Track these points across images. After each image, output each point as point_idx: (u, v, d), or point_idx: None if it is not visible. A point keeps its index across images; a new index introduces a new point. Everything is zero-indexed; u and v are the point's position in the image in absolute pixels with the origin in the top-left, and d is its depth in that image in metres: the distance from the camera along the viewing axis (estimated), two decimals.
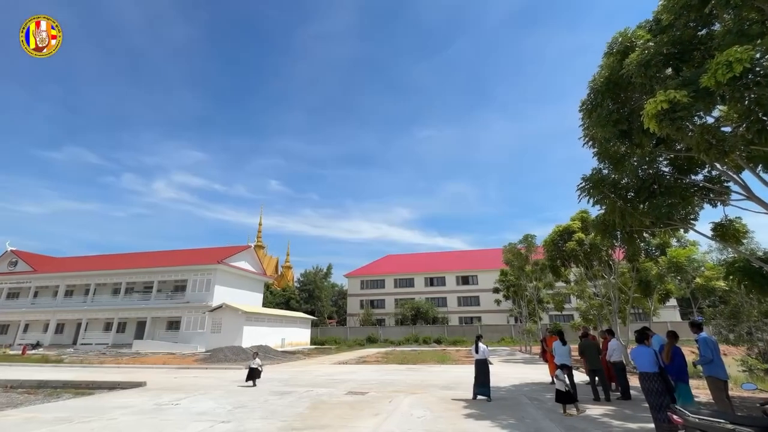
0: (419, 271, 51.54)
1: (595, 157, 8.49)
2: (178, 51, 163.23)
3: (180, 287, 34.69)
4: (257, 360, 12.44)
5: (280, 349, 29.58)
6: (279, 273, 68.17)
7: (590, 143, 8.31)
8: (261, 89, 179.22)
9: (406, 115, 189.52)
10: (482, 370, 9.00)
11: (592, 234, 12.06)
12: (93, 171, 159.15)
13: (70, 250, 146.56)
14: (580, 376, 11.07)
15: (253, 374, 12.08)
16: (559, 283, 22.65)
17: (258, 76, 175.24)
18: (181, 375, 15.83)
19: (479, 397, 8.86)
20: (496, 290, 33.07)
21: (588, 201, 8.44)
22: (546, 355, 12.64)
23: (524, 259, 24.49)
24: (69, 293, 37.80)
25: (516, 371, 14.99)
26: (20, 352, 28.68)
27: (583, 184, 8.41)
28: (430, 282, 50.82)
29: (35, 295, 38.03)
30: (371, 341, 41.13)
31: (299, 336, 38.28)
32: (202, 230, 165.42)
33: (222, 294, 33.07)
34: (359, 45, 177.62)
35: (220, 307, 30.02)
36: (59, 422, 7.13)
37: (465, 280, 49.52)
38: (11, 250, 40.35)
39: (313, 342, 41.06)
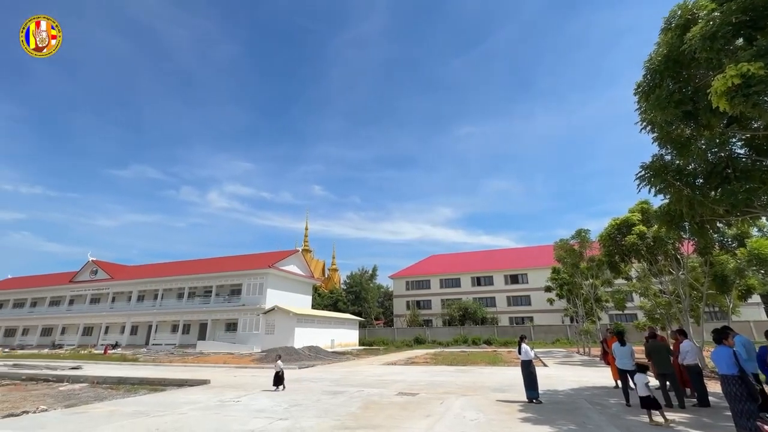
0: (465, 271, 50.54)
1: (656, 143, 7.83)
2: (222, 68, 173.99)
3: (236, 291, 36.79)
4: (279, 363, 11.71)
5: (330, 350, 30.37)
6: (326, 276, 70.05)
7: (649, 128, 7.68)
8: (300, 98, 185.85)
9: (444, 112, 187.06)
10: (526, 371, 8.70)
11: (655, 226, 11.14)
12: (155, 186, 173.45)
13: (139, 258, 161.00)
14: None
15: (280, 379, 11.36)
16: (619, 280, 21.15)
17: (296, 85, 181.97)
18: (240, 374, 16.76)
19: (532, 400, 8.53)
20: (548, 289, 31.56)
21: (649, 191, 7.80)
22: (607, 357, 11.84)
23: (578, 256, 23.14)
24: (141, 298, 41.48)
25: (574, 374, 14.19)
26: (103, 351, 31.98)
27: (643, 172, 7.80)
28: (477, 282, 49.64)
29: (113, 300, 42.19)
30: (419, 342, 40.96)
31: (348, 337, 39.04)
32: (252, 236, 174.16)
33: (274, 297, 34.61)
34: (392, 47, 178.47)
35: (272, 309, 31.42)
36: (138, 415, 7.84)
37: (514, 279, 47.80)
38: (92, 260, 45.10)
39: (361, 343, 41.69)
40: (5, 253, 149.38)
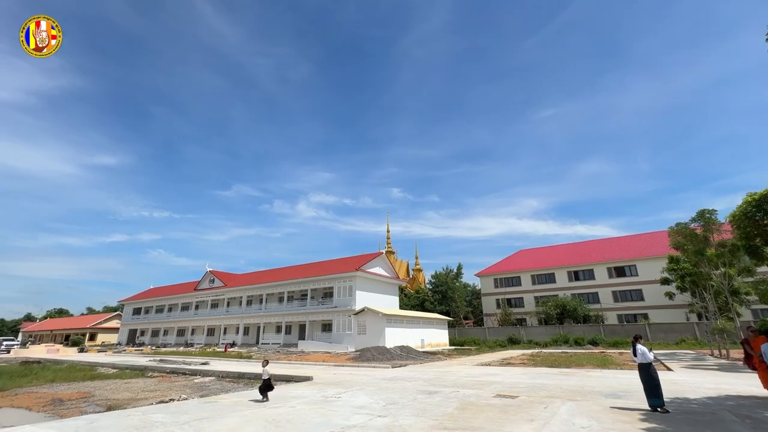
0: (560, 265, 46.54)
1: None
2: (299, 88, 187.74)
3: (328, 294, 39.19)
4: (267, 369, 9.83)
5: (420, 350, 30.50)
6: (410, 276, 70.67)
7: None
8: (372, 105, 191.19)
9: (519, 99, 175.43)
10: (645, 375, 7.66)
11: None
12: (253, 202, 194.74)
13: (246, 267, 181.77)
14: None
15: (268, 387, 9.64)
16: (763, 268, 17.42)
17: (367, 94, 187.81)
18: (339, 372, 17.75)
19: (657, 408, 7.43)
20: (664, 281, 27.39)
21: None
22: (752, 361, 9.78)
23: (702, 241, 19.67)
24: (249, 302, 46.66)
25: (709, 380, 12.05)
26: (223, 349, 36.75)
27: None
28: (575, 276, 45.34)
29: (228, 305, 48.21)
30: (513, 342, 38.86)
31: (437, 337, 38.79)
32: (339, 242, 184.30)
33: (363, 298, 36.03)
34: (457, 39, 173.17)
35: (362, 310, 32.72)
36: (257, 406, 8.79)
37: (620, 272, 42.56)
38: (210, 271, 52.20)
39: (451, 343, 41.06)
40: (147, 268, 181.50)
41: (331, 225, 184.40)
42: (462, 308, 52.53)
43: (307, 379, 14.07)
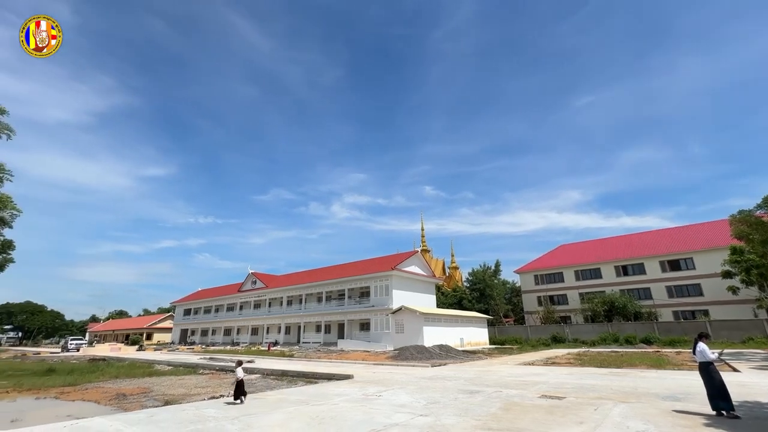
0: (606, 260, 44.11)
1: None
2: (327, 91, 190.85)
3: (365, 293, 39.58)
4: (240, 371, 9.26)
5: (460, 349, 30.06)
6: (447, 274, 69.83)
7: None
8: (402, 104, 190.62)
9: (555, 87, 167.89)
10: (705, 375, 7.12)
11: None
12: (290, 205, 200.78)
13: (285, 268, 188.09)
14: None
15: (241, 389, 9.09)
16: None
17: (397, 92, 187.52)
18: (378, 370, 17.87)
19: (722, 412, 6.82)
20: (726, 274, 25.21)
21: None
22: None
23: None
24: (290, 303, 48.13)
25: None
26: (267, 348, 38.16)
27: None
28: (623, 271, 42.80)
29: (269, 305, 50.00)
30: (557, 341, 37.32)
31: (477, 335, 38.06)
32: (373, 241, 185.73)
33: (400, 297, 36.05)
34: (487, 31, 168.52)
35: (399, 309, 32.74)
36: (300, 403, 9.04)
37: (674, 265, 39.67)
38: (252, 272, 54.40)
39: (491, 341, 40.13)
40: (194, 271, 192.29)
41: (366, 225, 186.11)
42: (501, 306, 51.18)
43: (348, 377, 14.27)
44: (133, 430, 6.50)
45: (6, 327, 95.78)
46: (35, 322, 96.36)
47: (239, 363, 9.58)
